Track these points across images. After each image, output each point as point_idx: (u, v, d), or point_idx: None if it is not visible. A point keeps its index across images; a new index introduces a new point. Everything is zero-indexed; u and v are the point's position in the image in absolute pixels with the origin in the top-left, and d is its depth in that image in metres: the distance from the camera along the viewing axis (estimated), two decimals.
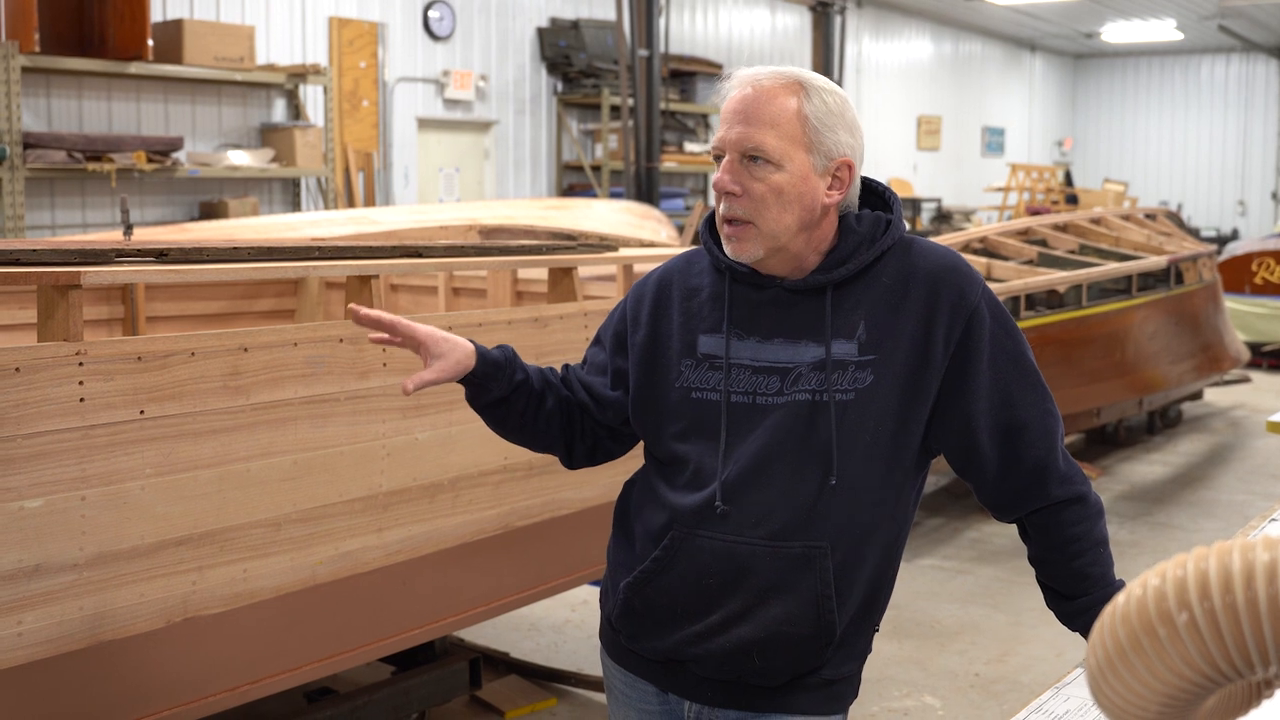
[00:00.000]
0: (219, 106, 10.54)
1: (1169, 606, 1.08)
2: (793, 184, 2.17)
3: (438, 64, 12.73)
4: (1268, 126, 25.84)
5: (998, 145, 24.52)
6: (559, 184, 14.22)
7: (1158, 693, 1.11)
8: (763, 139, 2.15)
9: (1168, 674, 1.09)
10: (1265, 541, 1.07)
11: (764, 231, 2.17)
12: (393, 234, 6.16)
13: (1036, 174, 19.84)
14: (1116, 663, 1.12)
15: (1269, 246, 13.37)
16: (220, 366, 3.00)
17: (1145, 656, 1.09)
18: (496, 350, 2.32)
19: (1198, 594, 1.06)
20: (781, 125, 2.16)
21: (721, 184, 2.16)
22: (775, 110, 2.17)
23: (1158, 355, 8.47)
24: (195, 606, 3.04)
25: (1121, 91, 27.05)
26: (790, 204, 2.17)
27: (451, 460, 3.57)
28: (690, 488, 2.26)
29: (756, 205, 2.16)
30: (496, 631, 5.45)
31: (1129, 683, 1.12)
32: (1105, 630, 1.13)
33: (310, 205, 11.17)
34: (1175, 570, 1.09)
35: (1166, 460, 9.20)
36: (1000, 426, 2.24)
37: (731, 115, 2.18)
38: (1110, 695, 1.15)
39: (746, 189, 2.15)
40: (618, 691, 2.44)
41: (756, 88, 2.18)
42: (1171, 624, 1.07)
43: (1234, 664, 1.06)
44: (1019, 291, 6.91)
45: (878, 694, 4.95)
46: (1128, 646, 1.11)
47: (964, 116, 23.37)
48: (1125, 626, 1.11)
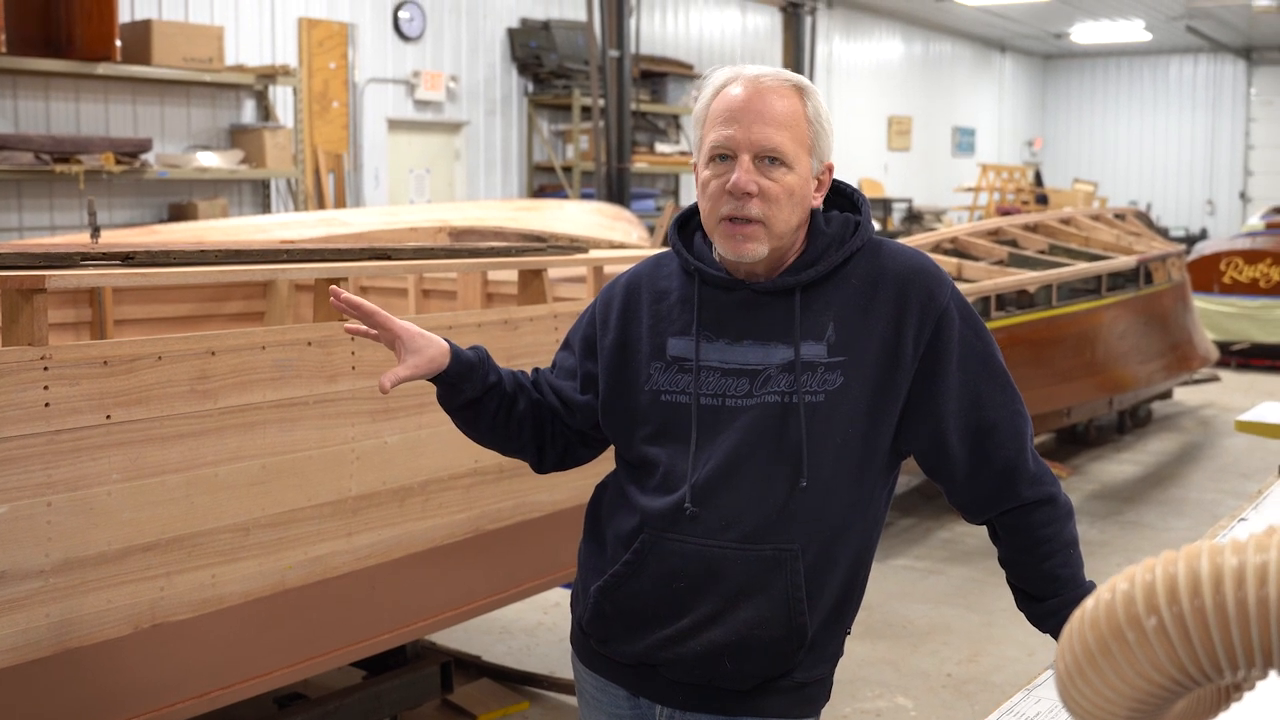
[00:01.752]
0: (188, 107, 10.48)
1: (1137, 611, 1.08)
2: (800, 185, 2.18)
3: (408, 65, 12.69)
4: (1235, 126, 26.02)
5: (968, 145, 24.61)
6: (530, 185, 14.20)
7: (1126, 697, 1.11)
8: (781, 140, 2.14)
9: (1136, 678, 1.09)
10: (1233, 545, 1.07)
11: (773, 232, 2.16)
12: (363, 235, 6.14)
13: (1006, 174, 19.91)
14: (1085, 667, 1.12)
15: (1237, 246, 13.46)
16: (187, 370, 2.98)
17: (1114, 661, 1.09)
18: (470, 351, 2.31)
19: (1166, 598, 1.06)
20: (793, 127, 2.16)
21: (743, 184, 2.12)
22: (786, 111, 2.16)
23: (1127, 355, 8.51)
24: (163, 612, 3.02)
25: (1091, 92, 27.18)
26: (797, 205, 2.18)
27: (421, 464, 3.56)
28: (660, 491, 2.25)
29: (771, 206, 2.15)
30: (468, 635, 5.43)
31: (1097, 687, 1.12)
32: (1074, 634, 1.13)
33: (280, 207, 11.12)
34: (1144, 575, 1.09)
35: (1137, 459, 9.24)
36: (970, 427, 2.24)
37: (739, 114, 2.15)
38: (1079, 699, 1.15)
39: (762, 189, 2.14)
40: (589, 696, 2.43)
41: (760, 87, 2.17)
42: (1140, 628, 1.07)
43: (1202, 669, 1.06)
44: (989, 292, 6.93)
45: (850, 695, 4.95)
46: (1096, 651, 1.10)
47: (934, 117, 23.44)
48: (1094, 631, 1.11)
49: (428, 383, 2.31)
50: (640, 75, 14.35)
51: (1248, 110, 26.00)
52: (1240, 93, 25.98)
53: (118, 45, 9.13)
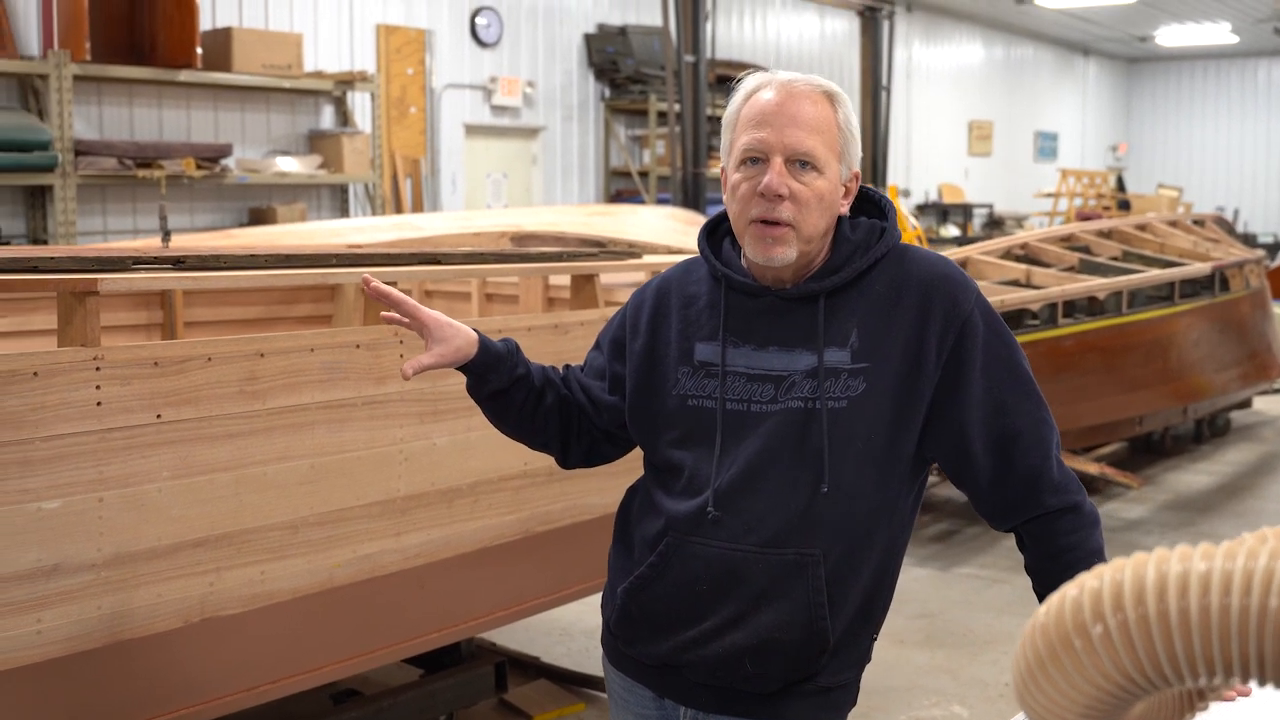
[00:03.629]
0: (267, 113, 10.66)
1: (1085, 618, 1.09)
2: (830, 190, 2.21)
3: (485, 70, 12.80)
4: None
5: (1050, 150, 24.35)
6: (606, 190, 14.26)
7: (1076, 702, 1.13)
8: (813, 144, 2.17)
9: (1084, 684, 1.11)
10: (1180, 553, 1.08)
11: (802, 235, 2.19)
12: (429, 240, 6.23)
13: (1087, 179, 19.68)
14: (1038, 672, 1.14)
15: None
16: (237, 372, 3.06)
17: (1063, 667, 1.11)
18: (500, 343, 2.35)
19: (1111, 606, 1.08)
20: (825, 132, 2.20)
21: (775, 186, 2.15)
22: (819, 117, 2.20)
23: (1202, 363, 8.39)
24: (213, 607, 3.10)
25: (1176, 95, 26.79)
26: (826, 210, 2.21)
27: (470, 465, 3.62)
28: (685, 494, 2.28)
29: (801, 209, 2.17)
30: (530, 636, 5.49)
31: (1049, 692, 1.14)
32: (1029, 639, 1.15)
33: (358, 211, 11.27)
34: (1093, 581, 1.10)
35: (1213, 469, 9.11)
36: (993, 435, 2.24)
37: (772, 118, 2.18)
38: (1033, 703, 1.17)
39: (794, 192, 2.17)
40: (617, 696, 2.47)
41: (793, 92, 2.20)
42: (1087, 636, 1.09)
43: (1147, 676, 1.08)
44: (1056, 298, 6.88)
45: (906, 703, 4.95)
46: (1047, 657, 1.12)
47: (1016, 121, 23.23)
48: (1044, 637, 1.13)
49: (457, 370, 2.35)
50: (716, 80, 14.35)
51: None
52: None
53: (199, 53, 9.31)
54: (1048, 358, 6.85)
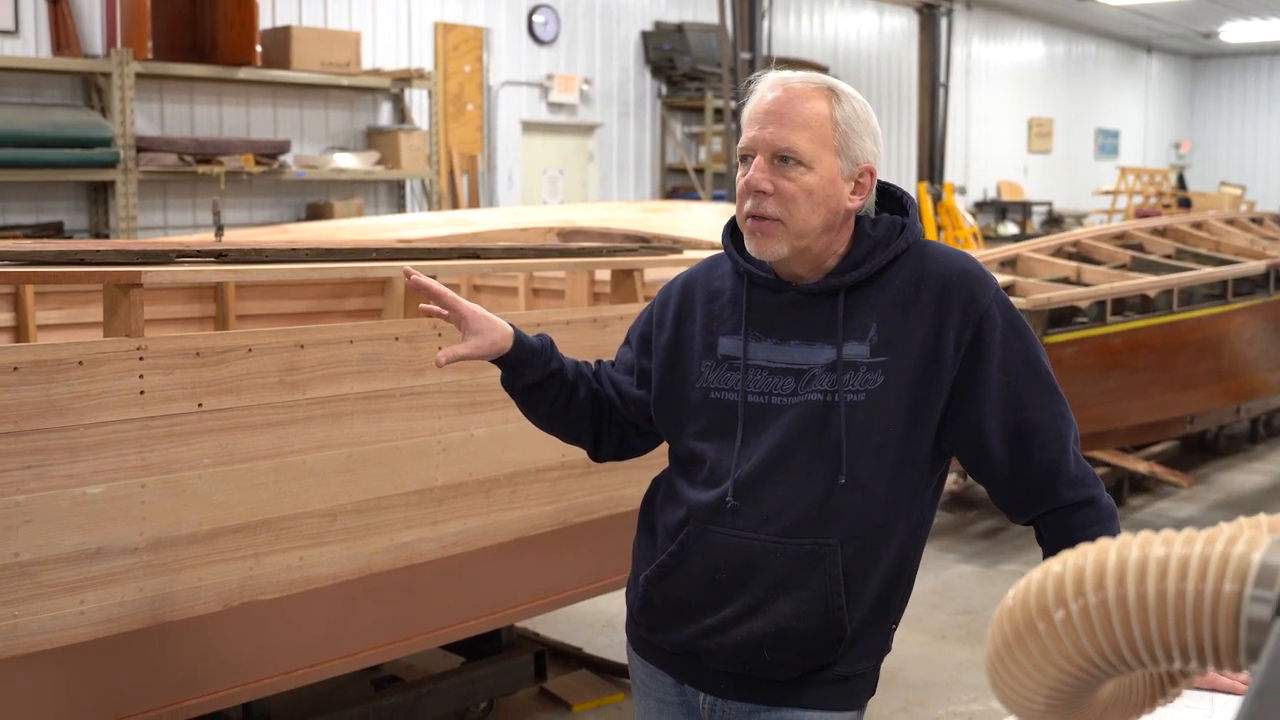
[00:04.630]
0: (326, 110, 10.78)
1: (1048, 603, 1.13)
2: (822, 185, 2.23)
3: (542, 68, 12.88)
4: None
5: (1111, 148, 24.12)
6: (662, 186, 14.30)
7: (1042, 684, 1.16)
8: (795, 140, 2.21)
9: (1049, 667, 1.14)
10: (1143, 539, 1.11)
11: (791, 230, 2.23)
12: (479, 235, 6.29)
13: (1147, 177, 19.49)
14: (1004, 655, 1.17)
15: None
16: (277, 363, 3.13)
17: (1029, 650, 1.15)
18: (535, 338, 2.41)
19: (1073, 591, 1.11)
20: (814, 127, 2.22)
21: (754, 182, 2.21)
22: (808, 113, 2.23)
23: (1256, 361, 8.31)
24: (252, 591, 3.18)
25: (1242, 92, 26.44)
26: (818, 205, 2.24)
27: (508, 456, 3.67)
28: (706, 485, 2.33)
29: (786, 204, 2.21)
30: (573, 627, 5.55)
31: (1016, 675, 1.17)
32: (996, 624, 1.19)
33: (415, 207, 11.38)
34: (1057, 566, 1.14)
35: (1268, 469, 9.03)
36: (1011, 428, 2.27)
37: (763, 116, 2.23)
38: (1002, 687, 1.20)
39: (778, 188, 2.21)
40: (640, 681, 2.52)
41: (788, 90, 2.24)
42: (1050, 620, 1.13)
43: (1108, 659, 1.11)
44: (1105, 296, 6.85)
45: (946, 698, 4.97)
46: (1013, 641, 1.16)
47: (1077, 119, 23.02)
48: (1010, 621, 1.17)
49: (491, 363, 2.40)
50: None
51: None
52: None
53: (258, 51, 9.46)
54: (1096, 355, 6.82)
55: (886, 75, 17.86)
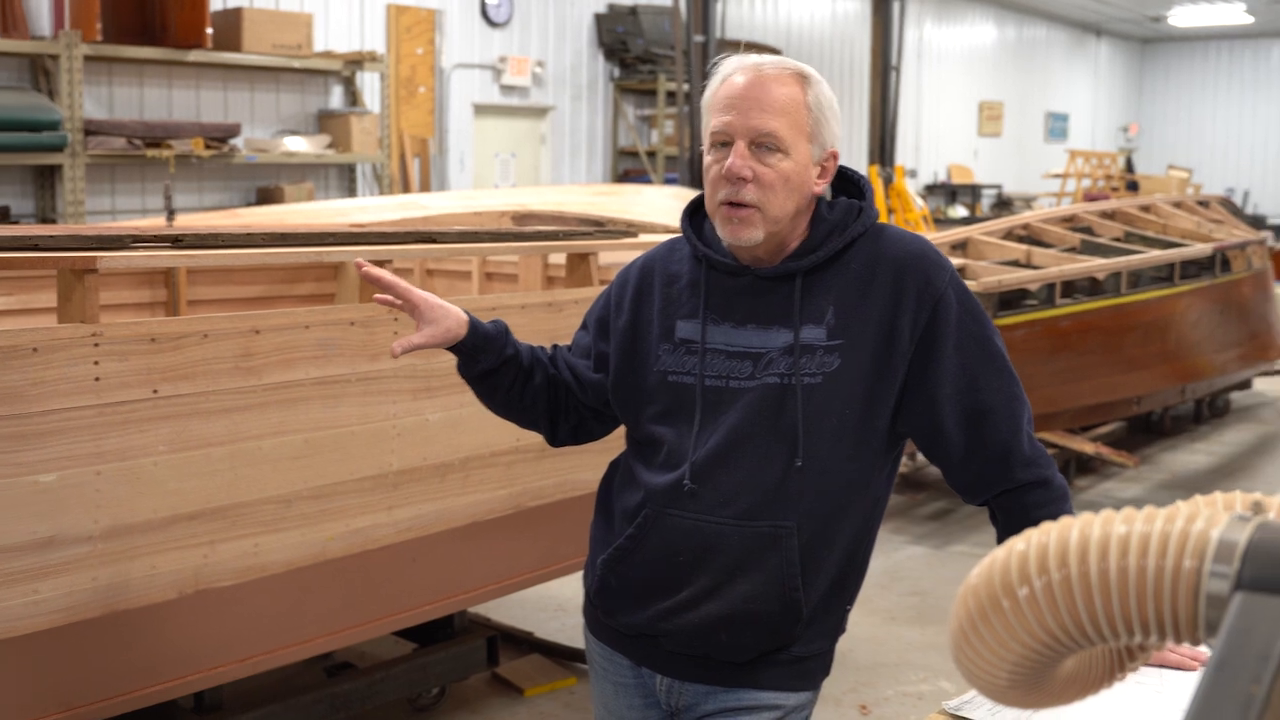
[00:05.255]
0: (277, 93, 10.70)
1: (1012, 580, 1.14)
2: (797, 171, 2.24)
3: (495, 50, 12.83)
4: None
5: (1061, 131, 24.30)
6: (614, 170, 14.29)
7: (1005, 660, 1.18)
8: (776, 126, 2.21)
9: (1013, 643, 1.16)
10: (1104, 517, 1.13)
11: (768, 216, 2.23)
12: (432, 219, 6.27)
13: (1096, 160, 19.65)
14: (969, 632, 1.19)
15: None
16: (232, 348, 3.11)
17: (992, 627, 1.16)
18: (490, 324, 2.40)
19: (1037, 568, 1.13)
20: (791, 113, 2.23)
21: (736, 169, 2.20)
22: (784, 98, 2.23)
23: (1201, 343, 8.41)
24: (207, 579, 3.16)
25: (1189, 76, 26.70)
26: (793, 191, 2.24)
27: (462, 441, 3.67)
28: (664, 468, 2.33)
29: (765, 191, 2.21)
30: (525, 611, 5.55)
31: (981, 651, 1.19)
32: (960, 601, 1.20)
33: (366, 191, 11.32)
34: (1020, 544, 1.15)
35: (1211, 450, 9.15)
36: (965, 410, 2.28)
37: (738, 101, 2.22)
38: (966, 664, 1.22)
39: (757, 175, 2.21)
40: (597, 664, 2.52)
41: (760, 74, 2.24)
42: (1014, 597, 1.14)
43: (1070, 635, 1.12)
44: (1055, 279, 6.91)
45: (894, 678, 5.01)
46: (977, 617, 1.17)
47: (1027, 102, 23.18)
48: (975, 598, 1.18)
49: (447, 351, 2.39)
50: None
51: None
52: None
53: (209, 33, 9.36)
54: (1045, 338, 6.88)
55: (839, 58, 17.91)
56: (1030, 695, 1.25)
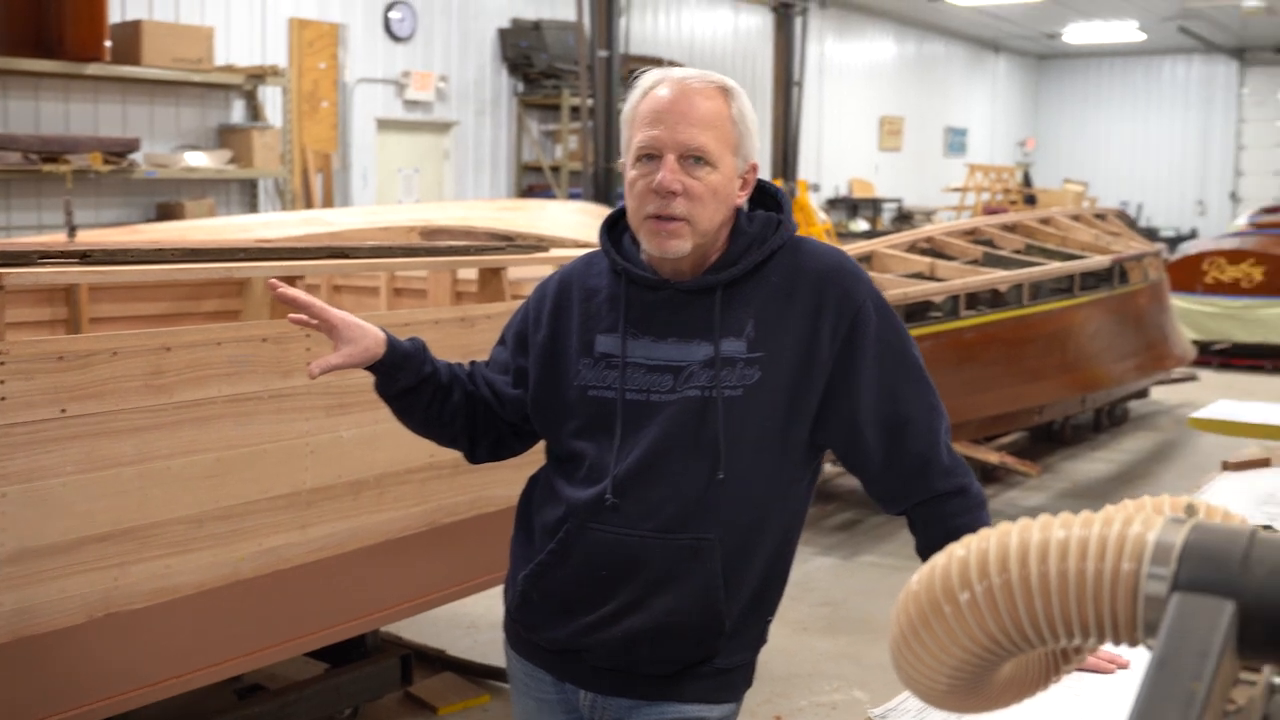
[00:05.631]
0: (177, 108, 10.55)
1: (953, 585, 1.15)
2: (724, 184, 2.25)
3: (398, 65, 12.76)
4: (1227, 127, 26.10)
5: (960, 146, 24.66)
6: (518, 185, 14.27)
7: (946, 665, 1.18)
8: (705, 140, 2.21)
9: (954, 648, 1.17)
10: (1041, 522, 1.15)
11: (697, 229, 2.23)
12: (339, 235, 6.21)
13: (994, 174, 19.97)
14: (909, 638, 1.19)
15: (1221, 246, 13.54)
16: (142, 366, 3.05)
17: (933, 632, 1.17)
18: (407, 341, 2.38)
19: (977, 573, 1.14)
20: (718, 127, 2.24)
21: (667, 183, 2.19)
22: (711, 112, 2.24)
23: (1100, 354, 8.57)
24: (117, 602, 3.09)
25: (1084, 92, 27.24)
26: (721, 204, 2.25)
27: (376, 458, 3.63)
28: (585, 482, 2.32)
29: (694, 204, 2.21)
30: (436, 629, 5.50)
31: (921, 656, 1.19)
32: (901, 608, 1.21)
33: (268, 206, 11.20)
34: (960, 550, 1.16)
35: (1110, 458, 9.32)
36: (884, 421, 2.30)
37: (665, 115, 2.22)
38: (907, 669, 1.22)
39: (686, 188, 2.21)
40: (519, 681, 2.51)
41: (686, 89, 2.24)
42: (955, 602, 1.15)
43: (1011, 638, 1.14)
44: (958, 290, 7.00)
45: (808, 688, 5.03)
46: (918, 623, 1.18)
47: (927, 117, 23.50)
48: (916, 604, 1.19)
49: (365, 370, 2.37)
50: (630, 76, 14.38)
51: (1239, 111, 26.07)
52: (1232, 93, 26.05)
53: (108, 46, 9.21)
54: (950, 349, 6.97)
55: (741, 73, 18.02)
56: (969, 699, 1.26)
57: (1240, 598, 1.04)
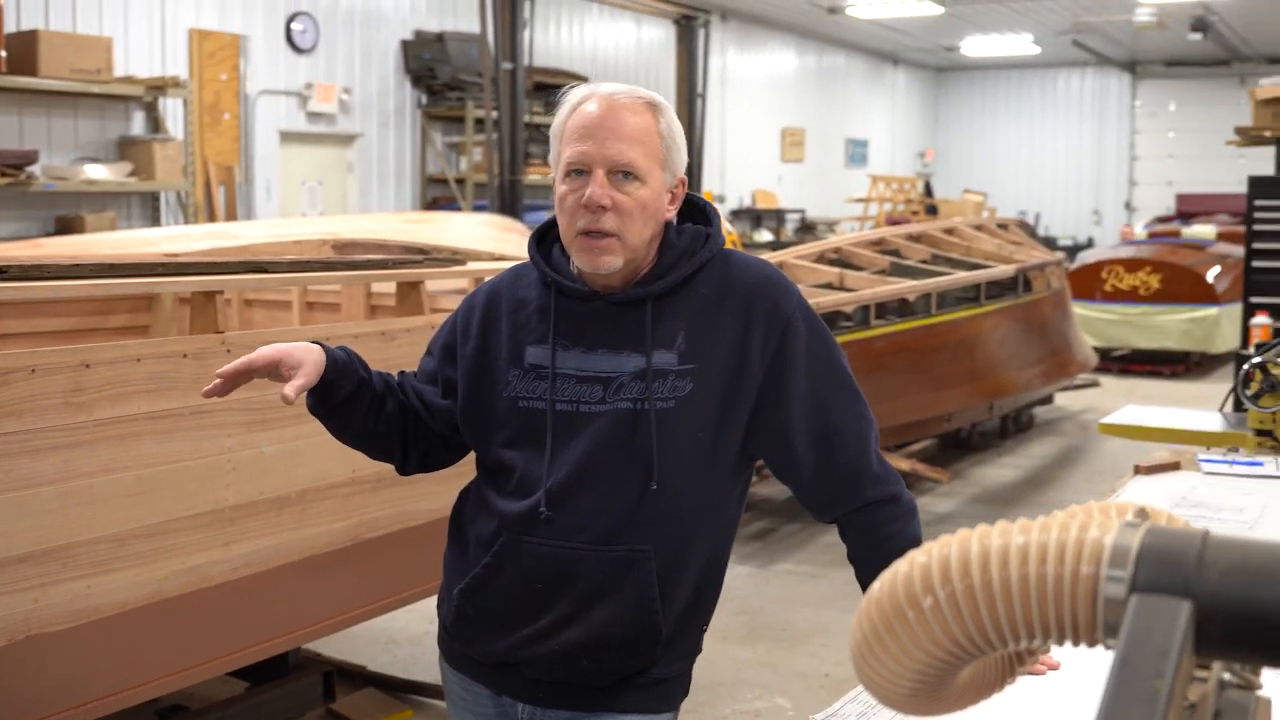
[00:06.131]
0: (75, 119, 10.38)
1: (916, 590, 1.17)
2: (653, 199, 2.27)
3: (300, 76, 12.65)
4: (1120, 138, 26.65)
5: (861, 157, 24.93)
6: (423, 197, 14.20)
7: (909, 670, 1.21)
8: (634, 155, 2.23)
9: (917, 652, 1.19)
10: (1000, 528, 1.17)
11: (628, 244, 2.25)
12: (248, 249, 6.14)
13: (896, 185, 20.23)
14: (873, 643, 1.21)
15: (1118, 255, 13.83)
16: (61, 383, 3.00)
17: (897, 637, 1.19)
18: (339, 349, 2.36)
19: (939, 579, 1.16)
20: (646, 142, 2.25)
21: (597, 198, 2.20)
22: (639, 127, 2.25)
23: (1007, 361, 8.72)
24: (38, 624, 3.04)
25: (981, 104, 27.68)
26: (650, 218, 2.27)
27: (299, 473, 3.60)
28: (517, 494, 2.32)
29: (624, 219, 2.23)
30: (355, 645, 5.46)
31: (884, 661, 1.21)
32: (863, 614, 1.23)
33: (170, 220, 11.04)
34: (922, 556, 1.18)
35: (1017, 464, 9.48)
36: (816, 431, 2.33)
37: (594, 130, 2.23)
38: (869, 674, 1.24)
39: (616, 203, 2.22)
40: (455, 696, 2.50)
41: (614, 104, 2.26)
42: (918, 607, 1.17)
43: (974, 641, 1.16)
44: (869, 300, 7.09)
45: (730, 696, 5.06)
46: (882, 628, 1.20)
47: (828, 129, 23.72)
48: (878, 610, 1.20)
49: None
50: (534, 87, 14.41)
51: (1132, 123, 26.64)
52: (1125, 105, 26.62)
53: (2, 56, 9.03)
54: (861, 358, 7.04)
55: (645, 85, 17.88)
56: (931, 703, 1.28)
57: (1196, 598, 1.07)
